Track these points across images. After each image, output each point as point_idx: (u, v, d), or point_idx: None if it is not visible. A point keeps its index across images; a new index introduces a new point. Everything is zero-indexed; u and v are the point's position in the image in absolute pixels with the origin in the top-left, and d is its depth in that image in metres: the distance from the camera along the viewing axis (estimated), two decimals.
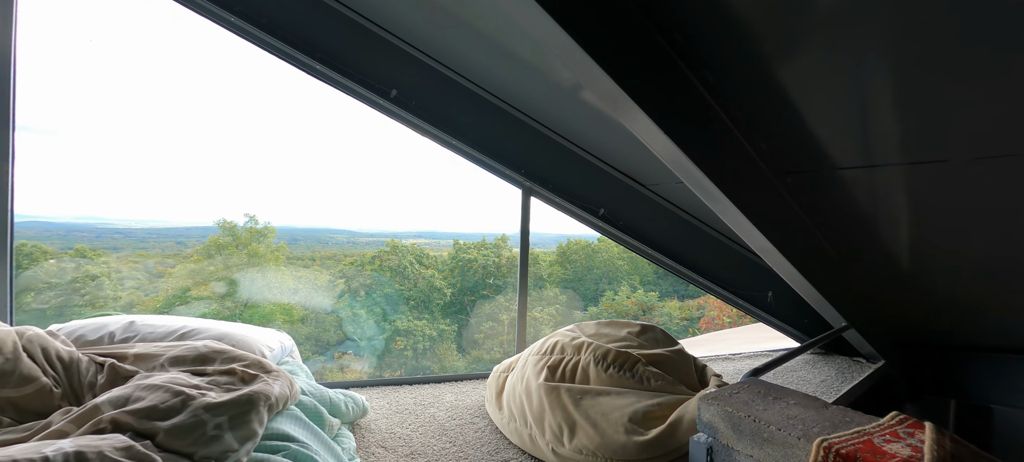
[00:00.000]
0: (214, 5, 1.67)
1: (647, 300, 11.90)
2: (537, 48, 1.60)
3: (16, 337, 0.96)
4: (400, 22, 1.80)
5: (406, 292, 12.85)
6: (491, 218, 16.29)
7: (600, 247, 13.74)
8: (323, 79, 1.83)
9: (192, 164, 12.14)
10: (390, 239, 15.10)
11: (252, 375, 0.95)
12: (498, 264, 14.14)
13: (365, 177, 14.25)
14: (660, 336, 1.69)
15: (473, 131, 1.98)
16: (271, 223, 12.89)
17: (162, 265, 11.97)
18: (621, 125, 1.80)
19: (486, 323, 12.67)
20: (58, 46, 9.86)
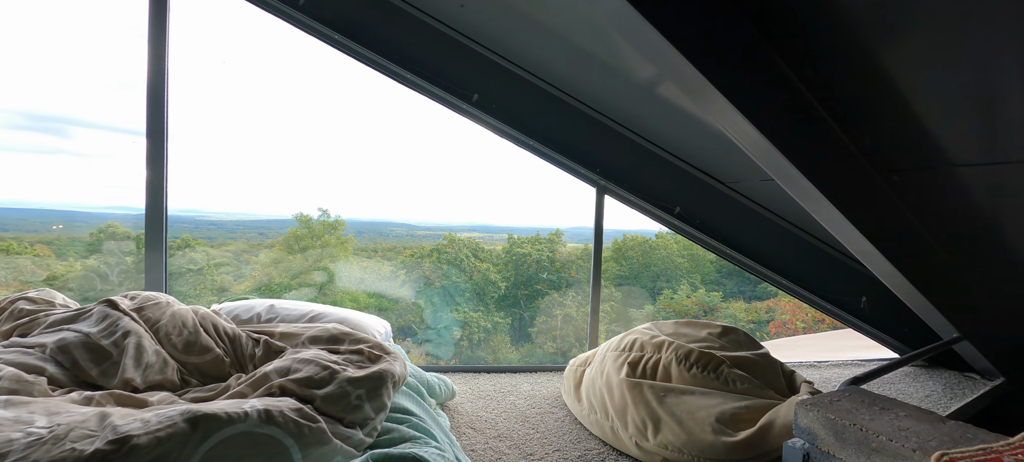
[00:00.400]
0: (318, 23, 1.87)
1: (709, 300, 11.34)
2: (611, 46, 1.63)
3: (193, 314, 1.18)
4: (482, 29, 1.90)
5: (462, 284, 13.30)
6: (545, 212, 16.30)
7: (658, 244, 13.29)
8: (412, 86, 1.98)
9: (274, 161, 13.36)
10: (446, 232, 15.64)
11: (377, 355, 1.10)
12: (552, 259, 14.16)
13: (421, 172, 14.84)
14: (743, 338, 1.66)
15: (549, 131, 2.04)
16: (341, 217, 13.89)
17: (247, 253, 13.35)
18: (699, 121, 1.77)
19: (539, 318, 12.76)
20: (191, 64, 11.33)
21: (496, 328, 13.10)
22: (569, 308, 13.34)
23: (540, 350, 13.16)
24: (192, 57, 10.45)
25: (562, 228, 15.13)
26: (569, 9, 1.54)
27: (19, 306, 1.17)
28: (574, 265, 14.28)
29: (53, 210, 13.89)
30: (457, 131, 13.89)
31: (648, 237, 13.87)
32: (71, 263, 11.00)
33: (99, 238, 11.84)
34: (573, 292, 13.76)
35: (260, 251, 13.63)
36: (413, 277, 13.66)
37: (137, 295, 1.20)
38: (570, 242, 15.28)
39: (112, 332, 1.03)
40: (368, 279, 13.33)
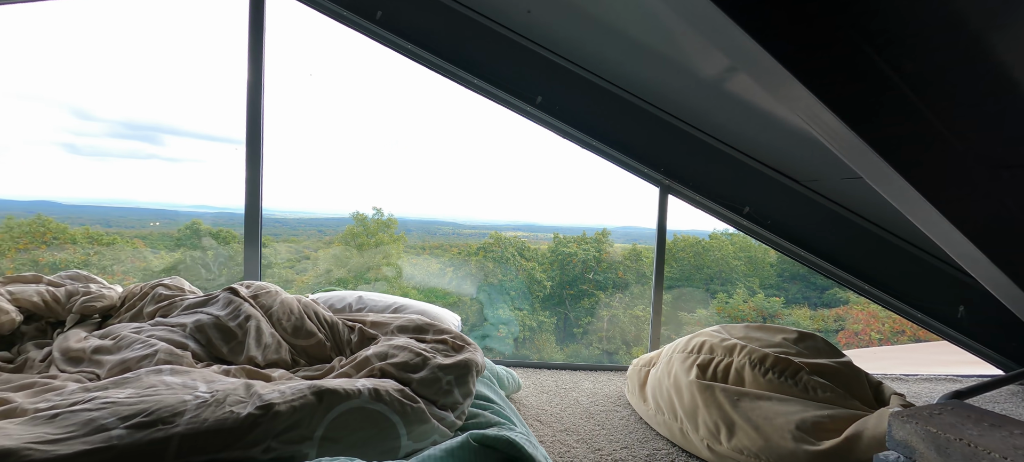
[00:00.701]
0: (393, 34, 2.00)
1: (769, 306, 10.69)
2: (676, 41, 1.61)
3: (297, 302, 1.33)
4: (546, 32, 1.95)
5: (508, 282, 13.48)
6: (592, 211, 16.12)
7: (712, 244, 12.72)
8: (478, 91, 2.07)
9: (333, 162, 14.30)
10: (493, 231, 15.88)
11: (460, 345, 1.17)
12: (598, 259, 13.97)
13: (466, 170, 15.24)
14: (822, 346, 1.58)
15: (612, 131, 2.05)
16: (393, 215, 14.56)
17: (308, 249, 14.36)
18: (772, 116, 1.70)
19: (585, 318, 12.65)
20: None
21: (541, 327, 13.14)
22: (615, 310, 13.11)
23: (585, 351, 13.04)
24: (278, 69, 11.38)
25: (609, 228, 14.88)
26: (633, 6, 1.54)
27: (158, 291, 1.37)
28: (621, 266, 14.00)
29: (147, 208, 15.66)
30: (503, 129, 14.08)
31: (701, 238, 13.30)
32: (162, 256, 12.36)
33: (185, 234, 13.23)
34: (620, 294, 13.49)
35: (319, 248, 14.59)
36: (460, 274, 14.02)
37: (251, 284, 1.37)
38: (617, 242, 14.99)
39: (236, 315, 1.19)
40: (418, 275, 13.83)
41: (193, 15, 11.22)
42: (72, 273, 1.46)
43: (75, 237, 12.53)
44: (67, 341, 1.14)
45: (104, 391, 0.79)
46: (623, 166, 2.07)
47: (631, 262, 15.09)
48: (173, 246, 13.90)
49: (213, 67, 12.00)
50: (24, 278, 1.38)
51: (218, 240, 13.68)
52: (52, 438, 0.66)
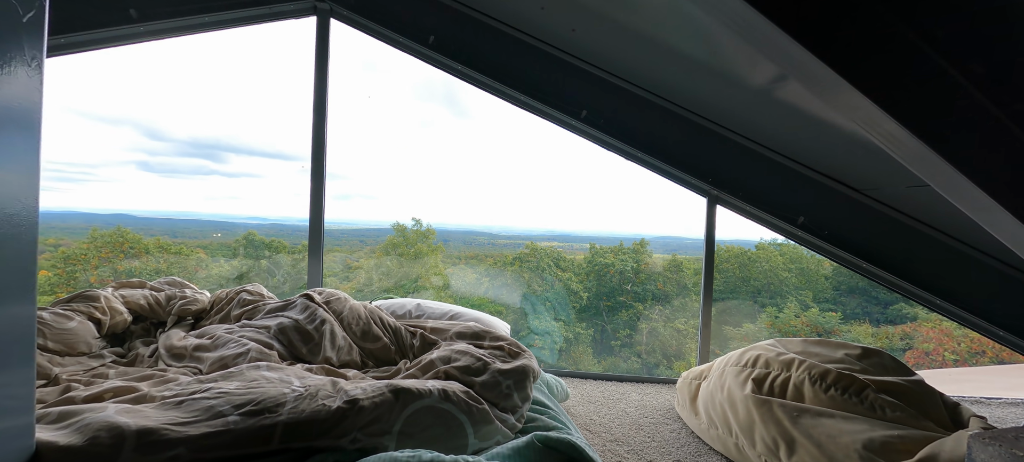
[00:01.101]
0: (443, 56, 2.12)
1: (824, 321, 9.89)
2: (722, 52, 1.60)
3: (364, 308, 1.43)
4: (590, 48, 2.00)
5: (546, 293, 13.41)
6: (629, 220, 15.86)
7: (758, 256, 12.11)
8: (524, 106, 2.14)
9: (374, 173, 14.96)
10: (527, 241, 15.89)
11: (516, 351, 1.23)
12: (636, 270, 13.66)
13: (502, 179, 15.45)
14: (889, 363, 1.50)
15: (656, 142, 2.06)
16: (432, 225, 14.94)
17: (350, 258, 14.99)
18: (827, 123, 1.66)
19: (623, 331, 12.35)
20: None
21: (578, 339, 12.96)
22: (655, 322, 12.71)
23: (623, 364, 12.72)
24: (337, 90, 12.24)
25: (648, 237, 14.52)
26: (677, 18, 1.56)
27: (243, 296, 1.52)
28: (660, 277, 13.59)
29: (209, 220, 16.93)
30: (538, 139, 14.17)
31: (746, 248, 12.71)
32: (221, 264, 13.33)
33: (242, 244, 14.21)
34: (659, 306, 13.08)
35: (362, 257, 15.20)
36: (497, 284, 14.11)
37: (323, 291, 1.49)
38: (656, 252, 14.57)
39: (313, 319, 1.30)
40: (461, 286, 14.02)
41: (254, 43, 12.17)
42: (169, 279, 1.64)
43: (148, 247, 13.75)
44: (170, 339, 1.30)
45: (215, 383, 0.91)
46: (669, 177, 2.07)
47: (671, 273, 14.57)
48: (230, 255, 14.94)
49: (270, 90, 12.93)
50: (132, 283, 1.58)
51: (270, 249, 14.52)
52: (182, 421, 0.77)
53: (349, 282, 14.01)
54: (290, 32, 2.22)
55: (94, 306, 1.37)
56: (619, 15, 1.68)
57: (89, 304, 1.35)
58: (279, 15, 2.14)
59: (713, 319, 2.14)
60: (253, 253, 14.01)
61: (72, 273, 12.42)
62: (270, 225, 19.72)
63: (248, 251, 14.17)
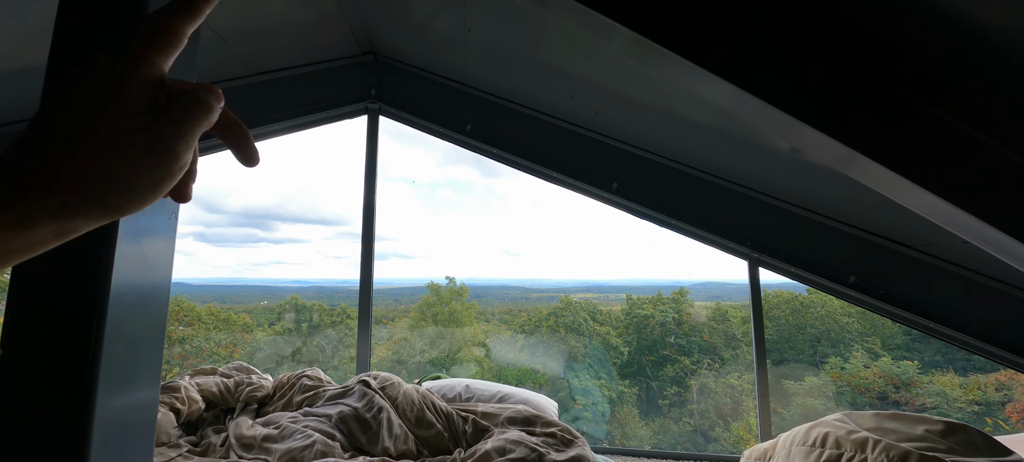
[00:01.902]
0: (481, 142, 2.30)
1: (900, 372, 8.77)
2: (744, 124, 1.66)
3: (416, 392, 1.49)
4: (616, 127, 2.11)
5: (582, 350, 12.93)
6: (666, 266, 15.45)
7: (812, 300, 11.28)
8: (556, 182, 2.26)
9: (408, 231, 15.59)
10: (562, 294, 15.60)
11: (569, 439, 1.23)
12: (678, 321, 13.01)
13: (531, 232, 15.63)
14: (980, 442, 1.37)
15: (689, 209, 2.09)
16: (465, 283, 15.06)
17: (385, 319, 15.18)
18: (863, 185, 1.64)
19: (670, 387, 11.58)
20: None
21: (622, 399, 12.22)
22: (705, 378, 11.87)
23: (675, 426, 11.79)
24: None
25: (687, 284, 13.94)
26: (694, 98, 1.65)
27: (303, 382, 1.62)
28: (706, 328, 12.86)
29: (255, 285, 17.86)
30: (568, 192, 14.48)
31: (798, 292, 11.91)
32: (265, 329, 13.87)
33: (285, 308, 14.77)
34: (708, 359, 12.28)
35: (396, 315, 15.37)
36: (533, 344, 13.76)
37: (378, 375, 1.57)
38: (698, 300, 13.87)
39: (371, 407, 1.37)
40: (495, 351, 13.76)
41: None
42: (237, 365, 1.78)
43: (201, 315, 14.48)
44: (239, 429, 1.39)
45: None
46: (705, 242, 2.07)
47: (717, 323, 13.76)
48: (274, 319, 15.42)
49: (315, 160, 14.05)
50: (205, 371, 1.72)
51: (312, 311, 14.81)
52: None
53: (383, 342, 13.94)
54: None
55: (175, 397, 1.50)
56: (640, 96, 1.79)
57: (171, 395, 1.47)
58: (339, 116, 2.43)
59: (770, 373, 2.03)
60: (296, 317, 14.50)
61: None
62: (311, 287, 20.45)
63: (293, 316, 14.69)
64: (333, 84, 2.37)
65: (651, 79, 1.66)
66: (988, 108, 1.13)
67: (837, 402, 8.97)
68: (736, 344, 12.16)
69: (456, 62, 2.18)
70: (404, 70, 2.42)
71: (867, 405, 8.57)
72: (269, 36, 2.06)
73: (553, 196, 14.81)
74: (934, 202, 1.10)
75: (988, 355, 1.78)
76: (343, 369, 11.13)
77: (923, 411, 8.13)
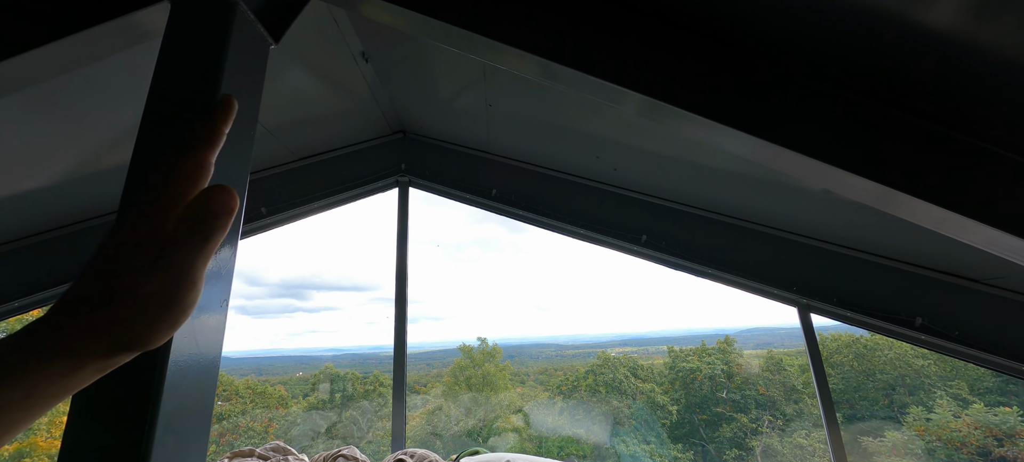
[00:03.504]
0: (506, 204, 2.35)
1: (997, 421, 7.59)
2: (775, 169, 1.62)
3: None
4: (639, 181, 2.13)
5: (626, 411, 12.09)
6: (707, 313, 14.66)
7: (877, 342, 10.24)
8: (583, 238, 2.26)
9: (437, 293, 15.70)
10: (598, 349, 14.91)
11: None
12: (728, 373, 12.05)
13: (562, 286, 15.38)
14: None
15: (727, 256, 2.02)
16: (498, 344, 14.73)
17: (418, 385, 14.87)
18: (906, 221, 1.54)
19: (730, 450, 10.50)
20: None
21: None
22: (768, 437, 10.74)
23: None
24: None
25: (732, 332, 13.04)
26: (717, 149, 1.65)
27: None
28: (760, 379, 11.84)
29: (291, 355, 18.08)
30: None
31: (859, 335, 10.89)
32: (300, 401, 13.84)
33: (319, 378, 14.80)
34: (768, 415, 11.18)
35: (429, 381, 15.03)
36: (572, 406, 13.03)
37: (414, 453, 1.52)
38: (746, 348, 12.90)
39: None
40: (533, 412, 13.14)
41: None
42: (274, 445, 1.77)
43: (238, 388, 14.63)
44: None
45: None
46: (748, 289, 1.98)
47: (772, 373, 12.64)
48: (309, 390, 15.38)
49: (347, 228, 14.83)
50: (242, 452, 1.72)
51: (346, 381, 14.71)
52: None
53: (419, 411, 13.54)
54: None
55: None
56: (660, 149, 1.82)
57: None
58: (371, 191, 2.57)
59: (843, 430, 1.82)
60: (330, 387, 14.38)
61: None
62: (345, 355, 20.42)
63: (326, 386, 14.60)
64: (367, 162, 2.54)
65: (669, 133, 1.69)
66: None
67: (931, 461, 7.81)
68: (798, 396, 11.01)
69: (479, 133, 2.30)
70: (432, 145, 2.57)
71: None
72: (310, 126, 2.27)
73: (580, 249, 14.71)
74: (990, 234, 1.02)
75: None
76: (377, 444, 10.81)
77: None
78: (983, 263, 1.63)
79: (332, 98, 2.10)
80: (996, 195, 1.01)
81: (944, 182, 1.02)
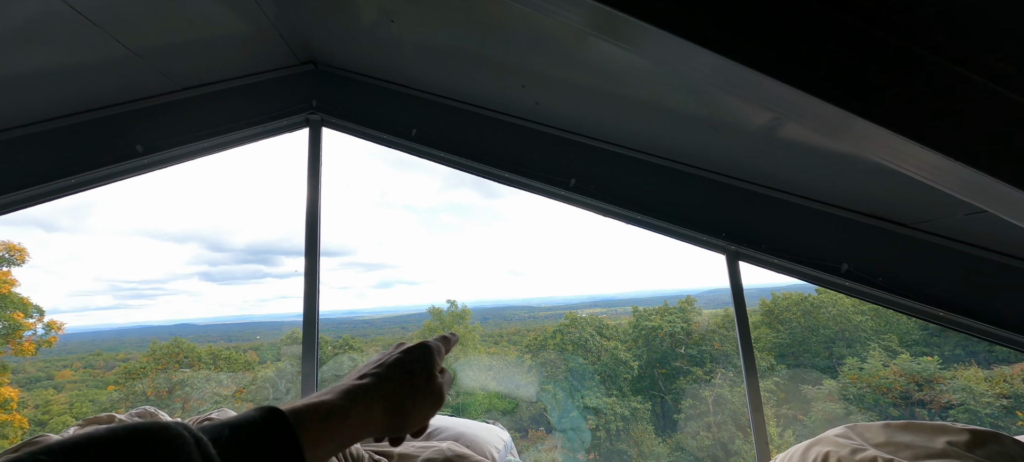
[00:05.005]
0: (427, 146, 2.11)
1: (921, 368, 8.28)
2: (714, 102, 1.45)
3: None
4: (565, 116, 1.92)
5: (590, 366, 12.49)
6: (671, 275, 15.12)
7: (822, 299, 10.85)
8: (510, 183, 2.06)
9: (411, 258, 15.47)
10: (567, 311, 15.22)
11: None
12: (687, 331, 12.57)
13: (535, 250, 15.41)
14: (1015, 451, 1.10)
15: (657, 202, 1.87)
16: (467, 305, 14.74)
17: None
18: (852, 159, 1.42)
19: (685, 401, 11.10)
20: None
21: (635, 415, 11.72)
22: (720, 387, 11.38)
23: (693, 441, 11.26)
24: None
25: (693, 292, 13.52)
26: (655, 78, 1.46)
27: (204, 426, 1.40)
28: (715, 335, 12.42)
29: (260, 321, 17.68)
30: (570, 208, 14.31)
31: (807, 292, 11.48)
32: (268, 365, 13.61)
33: (286, 342, 14.51)
34: (721, 368, 11.80)
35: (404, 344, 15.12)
36: (539, 362, 13.35)
37: None
38: (705, 308, 13.44)
39: None
40: (497, 365, 13.47)
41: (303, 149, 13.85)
42: (140, 410, 1.56)
43: (201, 355, 14.27)
44: None
45: None
46: (676, 236, 1.85)
47: (726, 330, 13.27)
48: (276, 355, 15.20)
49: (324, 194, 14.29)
50: (99, 419, 1.49)
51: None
52: None
53: None
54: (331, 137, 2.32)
55: None
56: (593, 81, 1.60)
57: (31, 448, 1.25)
58: (276, 130, 2.26)
59: (787, 380, 1.78)
60: (289, 353, 14.16)
61: (132, 387, 12.99)
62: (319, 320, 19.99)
63: (286, 351, 14.38)
64: (269, 97, 2.21)
65: (598, 60, 1.48)
66: (978, 44, 0.92)
67: (858, 405, 8.49)
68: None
69: (391, 62, 2.02)
70: (346, 78, 2.26)
71: (890, 406, 8.09)
72: (193, 51, 1.92)
73: (556, 213, 14.69)
74: (935, 160, 0.88)
75: (1004, 342, 1.51)
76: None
77: (948, 409, 7.63)
78: (912, 207, 1.54)
79: (220, 17, 1.75)
80: (948, 122, 0.86)
81: (909, 108, 0.86)
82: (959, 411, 7.76)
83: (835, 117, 0.88)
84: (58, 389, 11.82)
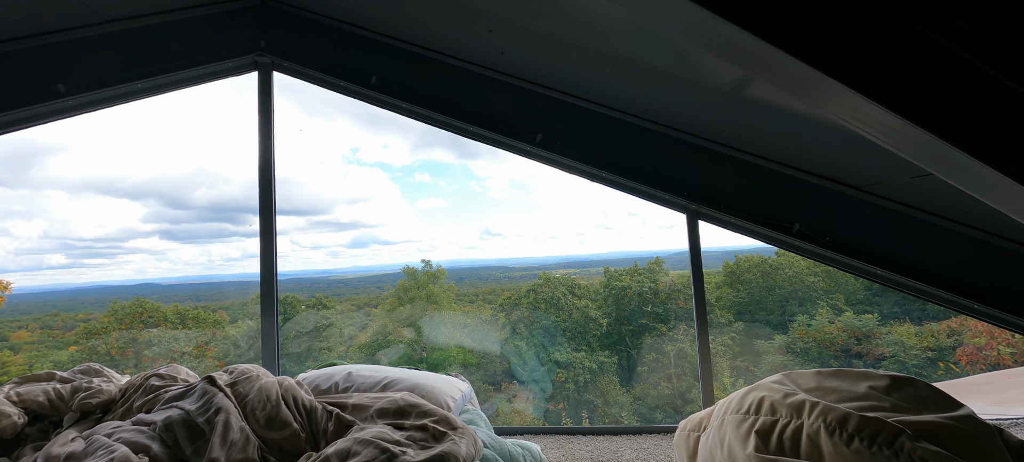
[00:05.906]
0: (387, 96, 2.00)
1: (861, 325, 9.08)
2: (682, 56, 1.42)
3: (278, 387, 1.23)
4: (532, 68, 1.84)
5: (561, 323, 12.93)
6: (641, 238, 15.51)
7: (780, 261, 11.48)
8: (473, 136, 1.99)
9: (387, 218, 15.25)
10: (541, 271, 15.50)
11: (442, 432, 1.00)
12: (654, 290, 13.12)
13: (513, 211, 15.42)
14: (928, 394, 1.20)
15: (623, 160, 1.86)
16: (441, 265, 14.76)
17: (369, 307, 14.88)
18: (811, 118, 1.43)
19: (649, 355, 11.74)
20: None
21: (602, 368, 12.35)
22: (682, 343, 12.06)
23: (654, 391, 12.02)
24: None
25: (662, 254, 13.98)
26: (626, 29, 1.40)
27: (151, 382, 1.35)
28: (681, 294, 13.01)
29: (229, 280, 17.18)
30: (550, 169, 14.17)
31: (767, 255, 12.11)
32: (239, 325, 13.37)
33: (255, 302, 14.25)
34: (684, 325, 12.46)
35: (377, 304, 15.09)
36: (513, 319, 13.69)
37: (235, 368, 1.31)
38: (673, 269, 13.99)
39: (206, 409, 1.11)
40: (471, 323, 13.71)
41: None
42: (83, 367, 1.48)
43: (167, 315, 13.83)
44: (52, 447, 1.11)
45: None
46: (641, 195, 1.85)
47: (690, 289, 13.88)
48: (247, 315, 14.90)
49: (287, 145, 13.41)
50: (37, 376, 1.42)
51: (285, 303, 14.27)
52: None
53: (366, 330, 13.68)
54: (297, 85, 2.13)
55: None
56: (561, 31, 1.52)
57: None
58: (218, 74, 2.07)
59: (742, 335, 1.87)
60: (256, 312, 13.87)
61: (94, 347, 12.56)
62: (285, 280, 19.79)
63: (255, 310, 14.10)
64: (211, 34, 2.01)
65: (578, 14, 1.39)
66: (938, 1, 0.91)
67: (804, 358, 9.27)
68: (711, 309, 12.35)
69: (348, 1, 1.85)
70: (299, 16, 2.07)
71: (832, 358, 8.86)
72: None
73: (534, 174, 14.60)
74: (892, 121, 0.89)
75: (934, 299, 1.63)
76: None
77: (881, 361, 8.44)
78: (863, 169, 1.59)
79: None
80: (908, 82, 0.85)
81: (872, 67, 0.85)
82: (891, 362, 8.59)
83: (801, 73, 0.86)
84: (15, 350, 11.29)
